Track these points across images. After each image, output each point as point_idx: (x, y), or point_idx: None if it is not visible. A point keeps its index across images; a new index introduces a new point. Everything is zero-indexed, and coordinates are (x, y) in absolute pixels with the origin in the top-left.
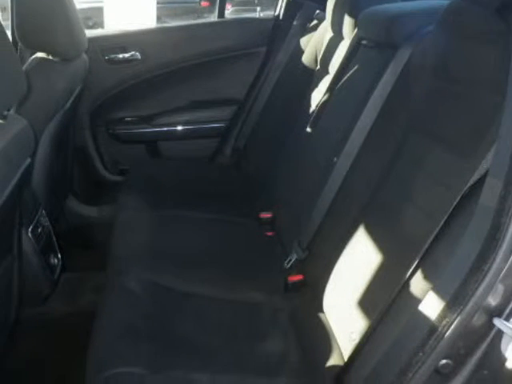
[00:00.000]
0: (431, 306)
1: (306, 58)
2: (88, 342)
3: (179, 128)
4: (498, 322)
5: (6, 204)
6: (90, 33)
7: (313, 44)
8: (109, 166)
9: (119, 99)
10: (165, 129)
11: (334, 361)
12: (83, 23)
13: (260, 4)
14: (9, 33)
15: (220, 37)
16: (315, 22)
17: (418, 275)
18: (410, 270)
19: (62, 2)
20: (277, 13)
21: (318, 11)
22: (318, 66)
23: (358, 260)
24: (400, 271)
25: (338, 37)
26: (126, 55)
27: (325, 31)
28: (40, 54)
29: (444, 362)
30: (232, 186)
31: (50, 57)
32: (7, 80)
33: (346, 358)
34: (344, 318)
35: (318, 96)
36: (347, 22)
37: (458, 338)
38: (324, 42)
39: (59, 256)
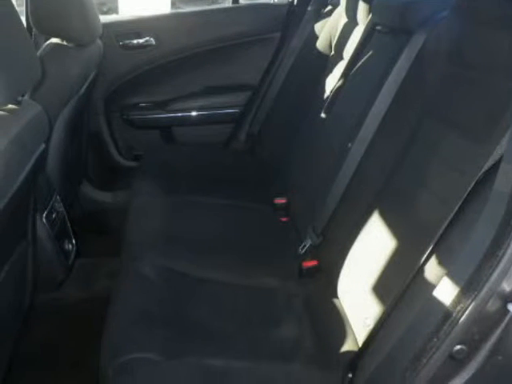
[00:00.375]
0: (445, 291)
1: (320, 44)
2: (102, 327)
3: (193, 114)
4: None
5: (20, 189)
6: (104, 18)
7: (327, 30)
8: (123, 152)
9: (133, 85)
10: (179, 114)
11: (348, 346)
12: (97, 9)
13: None
14: (23, 18)
15: (234, 22)
16: (329, 7)
17: (433, 261)
18: (425, 256)
19: None
20: None
21: None
22: (333, 52)
23: (373, 246)
24: (414, 257)
25: (352, 22)
26: (141, 41)
27: (339, 17)
28: (54, 40)
29: (458, 347)
30: (246, 171)
31: (65, 42)
32: (22, 66)
33: (360, 344)
34: (358, 303)
35: (332, 82)
36: (361, 7)
37: (472, 324)
38: (338, 27)
39: (73, 242)
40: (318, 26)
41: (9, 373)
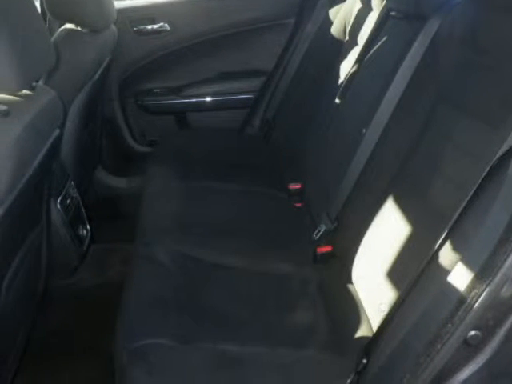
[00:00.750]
0: (460, 277)
1: (334, 29)
2: (116, 313)
3: (208, 99)
4: None
5: (34, 175)
6: (118, 4)
7: (342, 15)
8: (137, 137)
9: (148, 70)
10: (193, 100)
11: (362, 332)
12: None
13: None
14: (38, 4)
15: (249, 8)
16: None
17: (447, 246)
18: (439, 241)
19: None
20: None
21: None
22: (347, 38)
23: (387, 231)
24: (429, 242)
25: (366, 8)
26: (155, 26)
27: (354, 2)
28: (69, 26)
29: (473, 333)
30: (261, 157)
31: (79, 28)
32: (36, 51)
33: (374, 329)
34: (373, 289)
35: (346, 67)
36: None
37: (486, 310)
38: (353, 13)
39: (88, 227)
40: (332, 12)
41: (23, 358)
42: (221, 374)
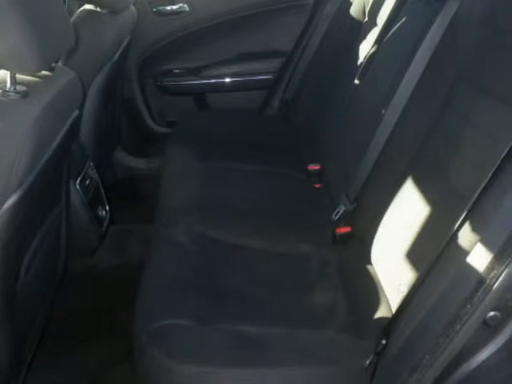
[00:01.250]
0: (479, 258)
1: (353, 10)
2: (135, 293)
3: (227, 80)
4: None
5: (54, 156)
6: None
7: None
8: (157, 118)
9: (167, 51)
10: (213, 81)
11: (381, 313)
12: None
13: None
14: None
15: None
16: None
17: (466, 227)
18: (458, 222)
19: None
20: None
21: None
22: (366, 18)
23: (406, 212)
24: (448, 223)
25: None
26: (174, 7)
27: None
28: (88, 6)
29: (492, 314)
30: (280, 138)
31: (98, 9)
32: (55, 32)
33: (393, 310)
34: (392, 269)
35: (365, 48)
36: None
37: (505, 290)
38: None
39: (107, 208)
40: None
41: (43, 338)
42: (239, 354)
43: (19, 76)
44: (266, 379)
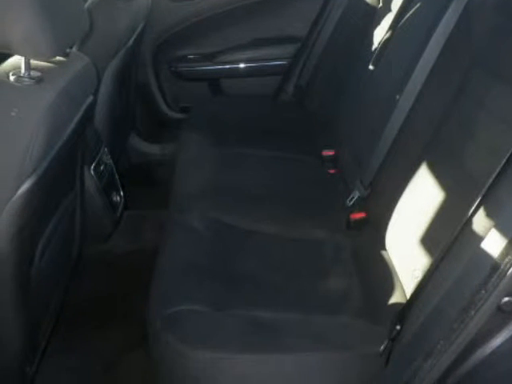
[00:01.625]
0: (493, 243)
1: None
2: (150, 279)
3: (242, 65)
4: None
5: (68, 142)
6: None
7: None
8: (171, 104)
9: (181, 37)
10: (227, 66)
11: (396, 298)
12: None
13: None
14: None
15: None
16: None
17: (481, 213)
18: (473, 208)
19: None
20: None
21: None
22: (381, 4)
23: (421, 197)
24: (462, 208)
25: None
26: None
27: None
28: None
29: (506, 299)
30: (294, 123)
31: None
32: (69, 18)
33: (408, 296)
34: (406, 255)
35: (380, 33)
36: None
37: None
38: None
39: (121, 194)
40: None
41: (57, 324)
42: (254, 340)
43: (33, 62)
44: (280, 365)
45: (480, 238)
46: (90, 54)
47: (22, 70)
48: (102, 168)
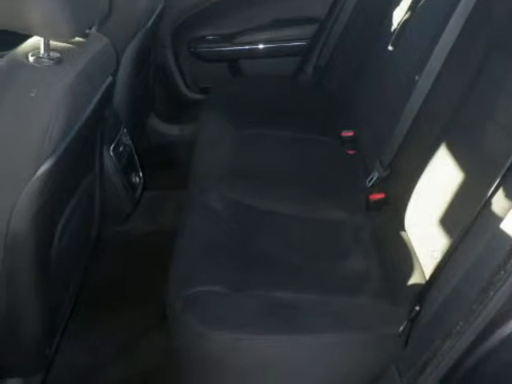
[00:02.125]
0: None
1: None
2: (170, 260)
3: (261, 46)
4: None
5: (87, 122)
6: None
7: None
8: (190, 85)
9: (200, 18)
10: (246, 47)
11: (415, 279)
12: None
13: None
14: None
15: None
16: None
17: (500, 194)
18: (492, 189)
19: None
20: None
21: None
22: None
23: (440, 178)
24: (481, 190)
25: None
26: None
27: None
28: None
29: None
30: (314, 104)
31: None
32: None
33: (427, 277)
34: (426, 236)
35: (399, 14)
36: None
37: None
38: None
39: (141, 175)
40: None
41: (76, 305)
42: (273, 321)
43: (53, 42)
44: (299, 345)
45: (499, 219)
46: (109, 35)
47: (42, 51)
48: (121, 149)
